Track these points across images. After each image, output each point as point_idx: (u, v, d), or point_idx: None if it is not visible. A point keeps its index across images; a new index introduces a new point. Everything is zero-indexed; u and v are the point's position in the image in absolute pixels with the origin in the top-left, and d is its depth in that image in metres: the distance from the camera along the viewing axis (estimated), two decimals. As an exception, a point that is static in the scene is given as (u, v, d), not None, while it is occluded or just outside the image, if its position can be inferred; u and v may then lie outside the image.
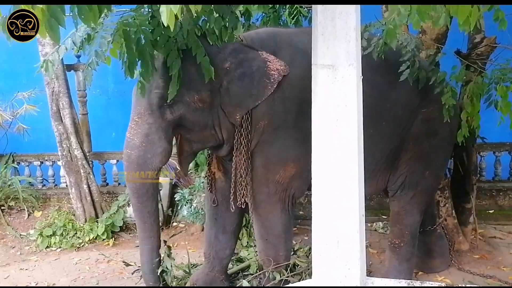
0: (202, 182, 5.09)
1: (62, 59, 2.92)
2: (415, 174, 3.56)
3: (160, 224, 5.49)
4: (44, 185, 6.38)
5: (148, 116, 2.95)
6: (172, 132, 3.04)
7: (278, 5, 4.26)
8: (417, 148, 3.51)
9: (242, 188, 3.18)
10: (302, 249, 4.43)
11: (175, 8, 1.64)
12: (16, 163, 6.35)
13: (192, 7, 1.72)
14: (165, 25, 1.71)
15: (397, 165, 3.55)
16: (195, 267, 4.11)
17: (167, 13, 1.68)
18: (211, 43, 2.92)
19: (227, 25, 2.80)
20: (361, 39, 2.97)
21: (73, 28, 2.33)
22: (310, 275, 2.67)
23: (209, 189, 3.61)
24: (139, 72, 2.71)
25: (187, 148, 3.18)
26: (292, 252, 4.14)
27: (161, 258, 3.32)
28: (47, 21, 1.79)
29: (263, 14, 4.30)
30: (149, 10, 2.65)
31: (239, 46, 3.04)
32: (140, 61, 2.63)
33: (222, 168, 3.53)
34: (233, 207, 3.25)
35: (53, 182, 6.40)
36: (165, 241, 3.54)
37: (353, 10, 2.10)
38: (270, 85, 3.00)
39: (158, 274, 3.24)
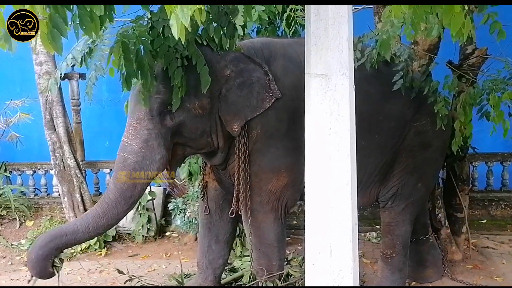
0: (196, 192, 5.08)
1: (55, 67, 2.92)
2: (408, 186, 3.57)
3: (153, 233, 5.55)
4: (37, 194, 6.34)
5: (147, 121, 2.88)
6: (170, 139, 2.99)
7: (275, 17, 4.29)
8: (410, 160, 3.52)
9: (240, 196, 3.18)
10: (295, 259, 4.42)
11: (185, 21, 1.64)
12: (8, 172, 6.31)
13: (197, 16, 1.70)
14: (176, 38, 1.70)
15: (389, 177, 3.56)
16: (188, 277, 4.09)
17: (177, 26, 1.67)
18: (213, 50, 2.94)
19: (225, 34, 2.81)
20: (355, 50, 3.02)
21: (74, 39, 2.32)
22: (303, 285, 2.66)
23: (202, 197, 3.60)
24: (140, 83, 2.69)
25: (180, 152, 3.14)
26: (286, 262, 4.13)
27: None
28: (50, 32, 1.79)
29: (259, 25, 4.32)
30: (148, 20, 2.65)
31: (241, 55, 3.05)
32: (139, 72, 2.61)
33: (215, 177, 3.53)
34: (232, 214, 3.25)
35: (46, 191, 6.35)
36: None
37: (346, 21, 2.12)
38: (268, 99, 3.02)
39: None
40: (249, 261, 3.49)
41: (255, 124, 3.08)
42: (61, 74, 2.72)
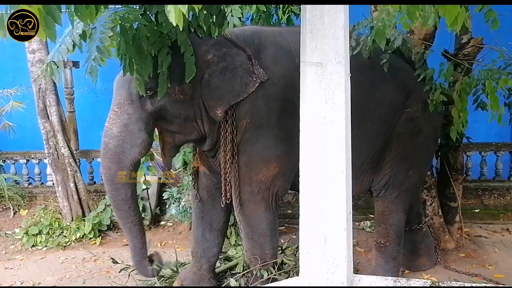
0: (191, 181, 5.07)
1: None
2: (400, 174, 3.57)
3: (148, 222, 5.55)
4: (30, 183, 6.32)
5: (128, 106, 2.91)
6: (153, 124, 3.00)
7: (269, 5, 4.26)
8: (401, 147, 3.52)
9: (228, 186, 3.18)
10: (290, 248, 4.43)
11: (184, 7, 1.61)
12: (1, 161, 6.28)
13: (194, 5, 1.68)
14: (174, 24, 1.67)
15: (381, 165, 3.56)
16: (183, 265, 4.10)
17: (175, 13, 1.64)
18: (199, 36, 2.89)
19: (214, 22, 2.78)
20: (350, 39, 3.00)
21: (68, 26, 2.29)
22: (297, 273, 2.66)
23: (193, 185, 3.60)
24: (135, 69, 2.65)
25: (169, 139, 3.13)
26: (280, 251, 4.14)
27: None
28: (44, 19, 1.77)
29: (255, 13, 4.28)
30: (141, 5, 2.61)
31: (223, 39, 3.01)
32: (137, 57, 2.57)
33: (207, 165, 3.52)
34: (222, 204, 3.26)
35: (40, 180, 6.34)
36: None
37: (341, 8, 2.10)
38: (252, 83, 2.99)
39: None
40: (243, 250, 3.50)
41: (244, 114, 3.06)
42: (63, 57, 2.68)
